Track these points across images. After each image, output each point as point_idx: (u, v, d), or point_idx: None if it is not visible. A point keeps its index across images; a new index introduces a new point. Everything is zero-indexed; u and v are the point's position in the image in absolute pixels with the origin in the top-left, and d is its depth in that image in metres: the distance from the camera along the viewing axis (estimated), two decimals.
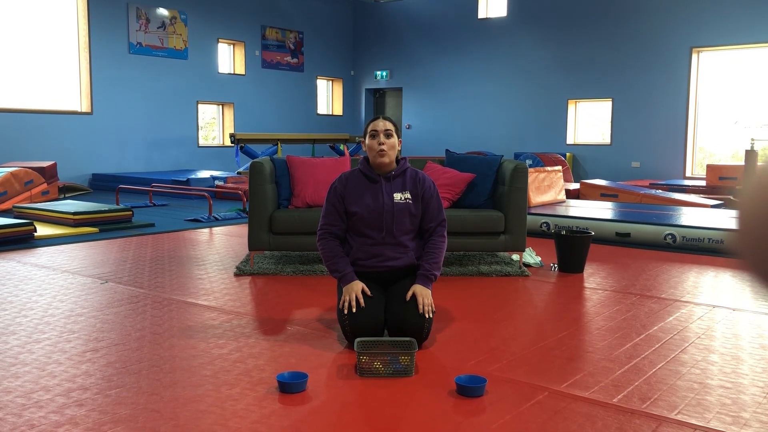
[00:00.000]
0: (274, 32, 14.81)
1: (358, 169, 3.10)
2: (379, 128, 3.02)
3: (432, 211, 3.06)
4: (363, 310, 2.87)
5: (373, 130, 3.03)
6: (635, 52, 12.57)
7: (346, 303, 2.84)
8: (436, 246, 3.03)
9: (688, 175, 12.17)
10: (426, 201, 3.05)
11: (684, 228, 5.65)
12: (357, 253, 3.02)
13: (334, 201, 3.03)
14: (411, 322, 2.85)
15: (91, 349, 2.91)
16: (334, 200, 3.04)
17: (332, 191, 3.05)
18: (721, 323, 3.42)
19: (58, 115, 11.43)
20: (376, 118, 3.08)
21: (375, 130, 3.02)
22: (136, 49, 12.33)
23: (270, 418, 2.22)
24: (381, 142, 2.99)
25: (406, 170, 3.09)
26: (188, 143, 13.34)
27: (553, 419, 2.23)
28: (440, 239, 3.05)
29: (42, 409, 2.27)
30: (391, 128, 3.04)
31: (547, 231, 6.22)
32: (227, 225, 7.03)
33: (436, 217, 3.06)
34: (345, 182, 3.05)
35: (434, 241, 3.04)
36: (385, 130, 3.02)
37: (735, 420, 2.24)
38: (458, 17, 14.86)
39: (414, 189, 3.05)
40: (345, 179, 3.07)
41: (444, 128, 15.32)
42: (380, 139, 3.00)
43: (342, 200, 3.02)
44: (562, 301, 3.89)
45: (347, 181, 3.06)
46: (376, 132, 3.02)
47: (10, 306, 3.63)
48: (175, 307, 3.65)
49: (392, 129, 3.05)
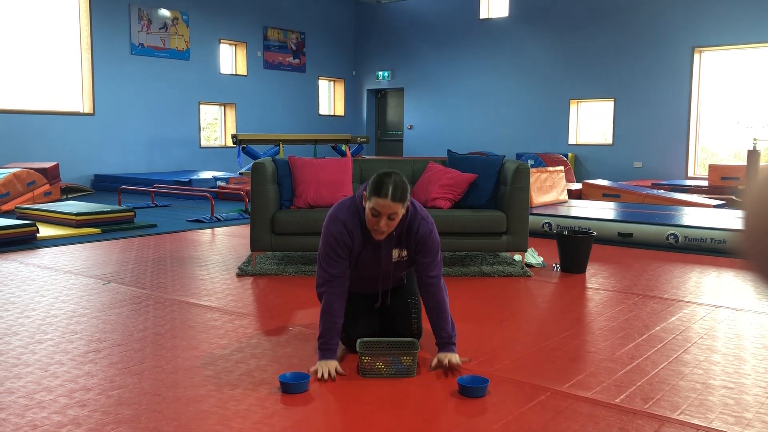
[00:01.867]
0: (276, 33, 14.82)
1: (358, 221, 2.68)
2: (383, 210, 2.54)
3: (425, 263, 2.72)
4: (357, 322, 2.88)
5: (375, 208, 2.55)
6: (637, 52, 12.56)
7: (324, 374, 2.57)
8: (441, 308, 2.71)
9: (690, 175, 12.15)
10: (417, 252, 2.72)
11: (686, 228, 5.64)
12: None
13: (340, 251, 2.67)
14: (400, 322, 2.91)
15: (94, 350, 2.91)
16: (341, 250, 2.67)
17: (337, 241, 2.66)
18: (723, 323, 3.41)
19: (60, 116, 11.44)
20: (386, 191, 2.52)
21: (378, 210, 2.55)
22: (138, 50, 12.34)
23: (272, 418, 2.22)
24: (381, 225, 2.57)
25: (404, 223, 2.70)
26: (190, 144, 13.35)
27: (556, 419, 2.23)
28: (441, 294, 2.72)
29: (44, 409, 2.27)
30: (397, 210, 2.56)
31: (549, 231, 6.21)
32: (229, 226, 7.03)
33: (429, 268, 2.72)
34: (350, 234, 2.67)
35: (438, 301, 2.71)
36: (389, 213, 2.55)
37: (738, 420, 2.23)
38: (460, 17, 14.85)
39: (408, 242, 2.73)
40: (349, 231, 2.67)
41: (446, 128, 15.32)
42: (382, 221, 2.56)
43: (350, 251, 2.69)
44: (564, 302, 3.89)
45: (352, 234, 2.67)
46: (378, 213, 2.56)
47: (13, 307, 3.64)
48: (178, 307, 3.65)
49: (398, 211, 2.57)
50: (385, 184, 2.53)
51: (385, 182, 2.54)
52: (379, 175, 2.59)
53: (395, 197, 2.53)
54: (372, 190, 2.56)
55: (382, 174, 2.58)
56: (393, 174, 2.59)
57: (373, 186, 2.56)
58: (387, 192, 2.52)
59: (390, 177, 2.56)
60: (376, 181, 2.56)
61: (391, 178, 2.56)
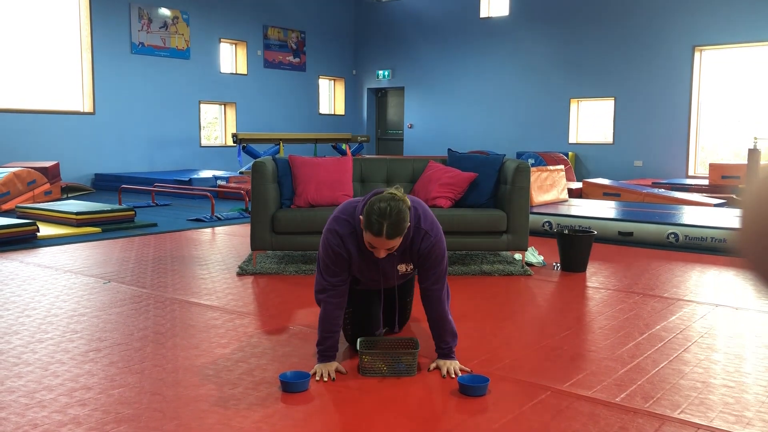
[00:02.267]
0: (276, 32, 14.82)
1: (356, 238, 2.58)
2: (379, 246, 2.46)
3: (427, 275, 2.65)
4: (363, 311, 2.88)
5: (371, 243, 2.47)
6: (637, 51, 12.55)
7: (324, 376, 2.55)
8: (441, 318, 2.67)
9: (690, 174, 12.15)
10: (420, 265, 2.65)
11: (687, 227, 5.64)
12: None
13: (338, 263, 2.60)
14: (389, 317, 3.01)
15: (94, 349, 2.91)
16: (338, 263, 2.60)
17: (336, 255, 2.58)
18: (723, 322, 3.41)
19: (61, 116, 11.44)
20: (379, 231, 2.41)
21: (374, 245, 2.48)
22: (138, 49, 12.34)
23: (272, 417, 2.22)
24: (380, 254, 2.51)
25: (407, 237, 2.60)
26: (190, 143, 13.35)
27: (556, 418, 2.23)
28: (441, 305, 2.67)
29: (45, 408, 2.28)
30: (395, 245, 2.48)
31: (549, 230, 6.21)
32: (229, 225, 7.03)
33: (431, 279, 2.64)
34: (348, 252, 2.59)
35: (438, 312, 2.67)
36: (386, 248, 2.48)
37: (738, 419, 2.23)
38: (460, 16, 14.85)
39: (412, 256, 2.65)
40: (346, 249, 2.58)
41: (446, 127, 15.32)
42: (380, 252, 2.50)
43: (348, 264, 2.62)
44: (564, 301, 3.89)
45: (349, 252, 2.59)
46: (375, 248, 2.49)
47: (13, 306, 3.64)
48: (178, 306, 3.65)
49: (395, 245, 2.49)
50: (378, 223, 2.40)
51: (381, 223, 2.39)
52: (378, 208, 2.41)
53: (390, 235, 2.42)
54: (367, 225, 2.43)
55: (381, 209, 2.40)
56: (389, 208, 2.40)
57: (369, 221, 2.42)
58: (381, 232, 2.41)
59: (385, 215, 2.39)
60: (373, 215, 2.41)
61: (386, 215, 2.39)
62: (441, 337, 2.69)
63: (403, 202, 2.48)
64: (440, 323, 2.69)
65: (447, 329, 2.69)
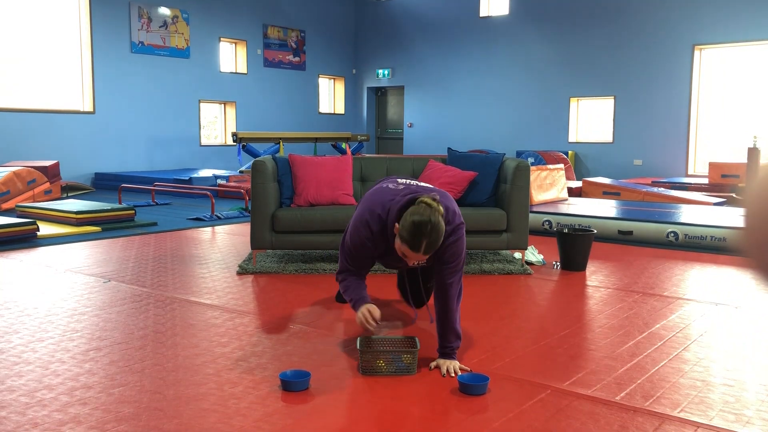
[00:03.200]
0: (276, 31, 14.81)
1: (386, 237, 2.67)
2: (412, 258, 2.53)
3: (443, 269, 2.68)
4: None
5: (405, 254, 2.53)
6: (637, 49, 12.55)
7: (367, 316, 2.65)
8: (448, 315, 2.68)
9: (690, 173, 12.15)
10: (438, 257, 2.67)
11: (686, 226, 5.65)
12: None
13: (364, 254, 2.75)
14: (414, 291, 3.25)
15: (94, 348, 2.92)
16: (364, 254, 2.74)
17: (363, 246, 2.71)
18: (723, 321, 3.41)
19: (61, 115, 11.44)
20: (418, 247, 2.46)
21: (407, 256, 2.54)
22: (138, 48, 12.34)
23: (273, 416, 2.22)
24: (410, 262, 2.61)
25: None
26: (190, 142, 13.35)
27: (556, 417, 2.23)
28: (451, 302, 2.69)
29: (45, 407, 2.28)
30: (429, 256, 2.55)
31: (549, 229, 6.21)
32: (229, 224, 7.04)
33: (446, 274, 2.67)
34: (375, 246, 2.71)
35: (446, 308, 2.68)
36: (417, 260, 2.57)
37: (738, 418, 2.24)
38: (460, 15, 14.85)
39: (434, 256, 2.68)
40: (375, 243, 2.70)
41: (446, 126, 15.32)
42: (411, 262, 2.59)
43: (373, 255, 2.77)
44: (564, 299, 3.89)
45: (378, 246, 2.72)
46: (406, 257, 2.55)
47: (14, 305, 3.64)
48: (178, 305, 3.66)
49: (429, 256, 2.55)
50: (417, 240, 2.45)
51: (420, 240, 2.45)
52: (417, 224, 2.45)
53: (427, 252, 2.49)
54: (405, 239, 2.47)
55: (420, 225, 2.44)
56: (429, 225, 2.44)
57: (408, 235, 2.46)
58: (419, 248, 2.47)
59: (424, 233, 2.44)
60: (411, 231, 2.45)
61: (425, 233, 2.44)
62: (445, 336, 2.69)
63: (440, 213, 2.50)
64: (447, 321, 2.69)
65: (452, 329, 2.69)
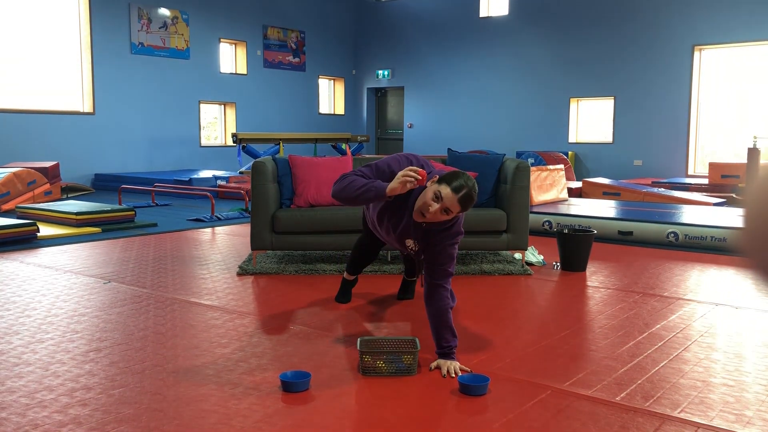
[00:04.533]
0: (276, 32, 14.82)
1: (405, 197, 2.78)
2: (445, 201, 2.58)
3: (432, 267, 2.75)
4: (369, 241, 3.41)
5: (439, 194, 2.58)
6: (637, 50, 12.56)
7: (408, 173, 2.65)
8: (440, 317, 2.71)
9: (690, 173, 12.15)
10: (429, 252, 2.76)
11: (686, 226, 5.65)
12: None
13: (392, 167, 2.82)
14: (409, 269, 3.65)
15: (95, 349, 2.91)
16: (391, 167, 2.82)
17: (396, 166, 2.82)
18: (723, 321, 3.41)
19: (61, 116, 11.44)
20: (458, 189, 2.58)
21: (441, 197, 2.58)
22: (138, 49, 12.34)
23: (273, 417, 2.22)
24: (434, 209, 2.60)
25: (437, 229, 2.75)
26: (190, 143, 13.35)
27: (556, 418, 2.23)
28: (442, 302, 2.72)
29: (46, 408, 2.28)
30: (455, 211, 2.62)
31: (549, 230, 6.21)
32: (230, 225, 7.04)
33: (435, 274, 2.74)
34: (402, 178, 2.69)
35: (437, 309, 2.72)
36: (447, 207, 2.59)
37: (738, 418, 2.24)
38: (460, 16, 14.85)
39: (427, 240, 2.77)
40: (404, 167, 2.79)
41: (446, 127, 15.32)
42: (437, 207, 2.59)
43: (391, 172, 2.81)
44: (564, 300, 3.89)
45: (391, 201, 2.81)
46: (439, 200, 2.59)
47: (14, 306, 3.64)
48: (178, 306, 3.66)
49: (454, 211, 2.62)
50: (461, 185, 2.59)
51: (462, 184, 2.60)
52: (465, 177, 2.62)
53: (462, 200, 2.59)
54: (447, 179, 2.61)
55: (467, 178, 2.62)
56: (474, 186, 2.64)
57: (451, 177, 2.62)
58: (459, 190, 2.58)
59: (470, 186, 2.61)
60: (456, 176, 2.62)
61: (470, 187, 2.61)
62: (442, 337, 2.70)
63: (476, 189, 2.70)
64: (441, 322, 2.71)
65: (448, 329, 2.70)
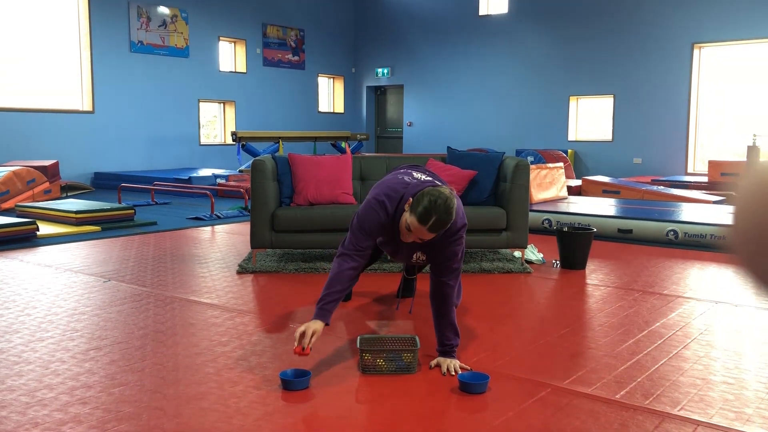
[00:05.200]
0: (275, 30, 14.81)
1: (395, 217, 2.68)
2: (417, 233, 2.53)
3: (440, 266, 2.71)
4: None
5: (411, 227, 2.52)
6: (637, 48, 12.55)
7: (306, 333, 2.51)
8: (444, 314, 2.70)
9: (689, 171, 12.15)
10: (436, 255, 2.71)
11: (686, 224, 5.65)
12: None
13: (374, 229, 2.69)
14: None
15: (95, 348, 2.92)
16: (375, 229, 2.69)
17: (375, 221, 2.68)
18: (723, 319, 3.41)
19: (60, 114, 11.44)
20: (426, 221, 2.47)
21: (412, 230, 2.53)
22: (138, 47, 12.33)
23: (273, 415, 2.22)
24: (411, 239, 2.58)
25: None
26: (190, 141, 13.34)
27: (556, 416, 2.23)
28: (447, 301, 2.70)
29: (46, 407, 2.28)
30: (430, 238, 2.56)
31: (549, 228, 6.21)
32: (229, 223, 7.04)
33: (443, 272, 2.70)
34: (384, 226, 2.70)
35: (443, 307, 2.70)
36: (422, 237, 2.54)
37: (738, 416, 2.24)
38: (459, 14, 14.84)
39: (431, 250, 2.72)
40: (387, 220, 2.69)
41: (445, 125, 15.32)
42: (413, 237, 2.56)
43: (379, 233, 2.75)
44: (564, 298, 3.89)
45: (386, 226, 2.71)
46: (410, 232, 2.55)
47: (14, 305, 3.64)
48: (178, 305, 3.66)
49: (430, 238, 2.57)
50: (428, 214, 2.47)
51: (430, 215, 2.47)
52: (432, 199, 2.49)
53: (433, 230, 2.50)
54: (416, 210, 2.49)
55: (435, 200, 2.48)
56: (444, 204, 2.49)
57: (420, 207, 2.48)
58: (427, 222, 2.47)
59: (438, 210, 2.47)
60: (425, 204, 2.48)
61: (438, 210, 2.47)
62: (444, 335, 2.70)
63: (454, 200, 2.57)
64: (445, 320, 2.70)
65: (451, 327, 2.70)
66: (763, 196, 0.83)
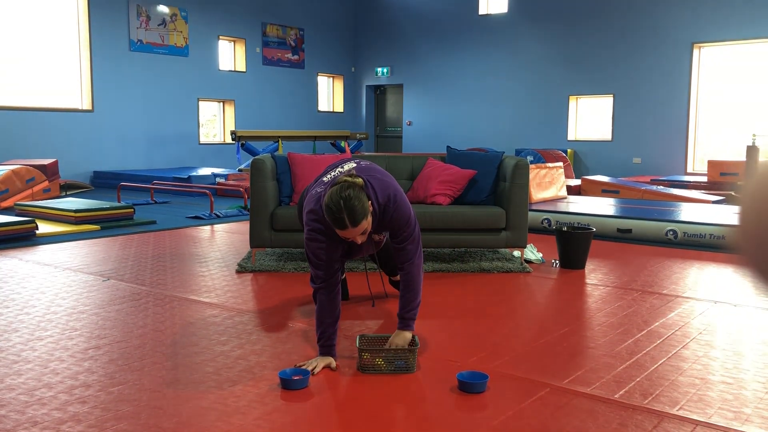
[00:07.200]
0: (275, 29, 14.80)
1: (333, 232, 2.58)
2: (351, 236, 2.49)
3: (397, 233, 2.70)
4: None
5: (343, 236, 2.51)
6: (636, 47, 12.55)
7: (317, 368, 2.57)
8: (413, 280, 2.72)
9: (689, 171, 12.16)
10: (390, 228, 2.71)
11: (685, 224, 5.65)
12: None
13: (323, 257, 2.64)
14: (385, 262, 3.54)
15: (94, 347, 2.92)
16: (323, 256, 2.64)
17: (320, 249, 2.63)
18: (722, 319, 3.42)
19: (60, 113, 11.43)
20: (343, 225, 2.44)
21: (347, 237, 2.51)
22: (137, 46, 12.33)
23: (272, 414, 2.22)
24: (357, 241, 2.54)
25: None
26: (189, 140, 13.34)
27: (555, 415, 2.23)
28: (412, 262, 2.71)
29: (45, 406, 2.28)
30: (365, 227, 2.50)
31: (548, 227, 6.22)
32: (229, 222, 7.03)
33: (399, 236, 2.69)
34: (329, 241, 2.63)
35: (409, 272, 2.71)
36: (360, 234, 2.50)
37: (737, 415, 2.24)
38: (459, 13, 14.84)
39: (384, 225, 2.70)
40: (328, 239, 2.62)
41: (445, 125, 15.32)
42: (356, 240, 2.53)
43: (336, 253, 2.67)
44: (563, 298, 3.89)
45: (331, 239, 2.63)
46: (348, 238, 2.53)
47: (13, 304, 3.64)
48: (177, 304, 3.66)
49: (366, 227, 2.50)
50: (339, 218, 2.42)
51: (338, 216, 2.42)
52: (328, 205, 2.44)
53: (355, 223, 2.44)
54: (331, 222, 2.47)
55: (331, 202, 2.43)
56: (341, 199, 2.42)
57: (331, 219, 2.45)
58: (345, 224, 2.43)
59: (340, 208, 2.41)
60: (328, 213, 2.45)
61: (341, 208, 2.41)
62: (407, 303, 2.73)
63: (355, 186, 2.48)
64: (409, 285, 2.73)
65: (414, 294, 2.73)
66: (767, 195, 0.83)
